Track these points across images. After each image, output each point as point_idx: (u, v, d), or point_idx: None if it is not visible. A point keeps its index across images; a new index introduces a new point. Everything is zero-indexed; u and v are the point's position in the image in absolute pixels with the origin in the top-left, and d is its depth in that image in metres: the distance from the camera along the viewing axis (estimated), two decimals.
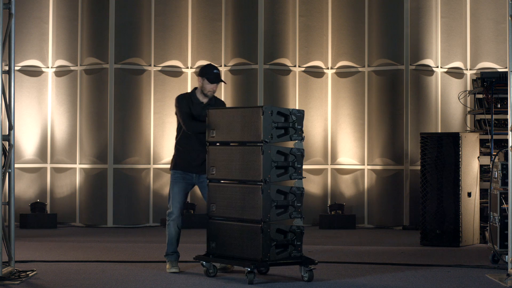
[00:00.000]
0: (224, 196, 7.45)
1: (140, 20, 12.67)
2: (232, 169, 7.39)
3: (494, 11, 12.75)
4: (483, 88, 10.37)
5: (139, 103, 12.61)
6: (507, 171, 7.78)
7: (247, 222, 7.24)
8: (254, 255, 7.15)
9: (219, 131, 7.50)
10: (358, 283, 7.24)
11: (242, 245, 7.25)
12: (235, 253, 7.32)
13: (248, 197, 7.23)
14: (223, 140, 7.50)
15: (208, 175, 7.62)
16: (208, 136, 7.62)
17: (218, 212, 7.50)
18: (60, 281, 7.25)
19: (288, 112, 7.27)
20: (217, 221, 7.53)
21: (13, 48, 7.56)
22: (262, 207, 7.10)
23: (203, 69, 7.97)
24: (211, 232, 7.57)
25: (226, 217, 7.44)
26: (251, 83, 12.52)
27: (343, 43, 12.86)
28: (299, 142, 7.30)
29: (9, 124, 7.53)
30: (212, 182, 7.62)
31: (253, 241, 7.15)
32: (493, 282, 7.24)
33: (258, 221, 7.13)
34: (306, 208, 12.63)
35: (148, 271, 7.83)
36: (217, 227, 7.51)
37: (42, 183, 12.81)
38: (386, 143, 12.45)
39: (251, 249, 7.16)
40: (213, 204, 7.51)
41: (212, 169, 7.52)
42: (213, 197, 7.55)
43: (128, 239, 10.87)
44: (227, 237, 7.40)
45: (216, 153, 7.54)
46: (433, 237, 10.09)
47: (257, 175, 7.15)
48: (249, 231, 7.19)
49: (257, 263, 7.10)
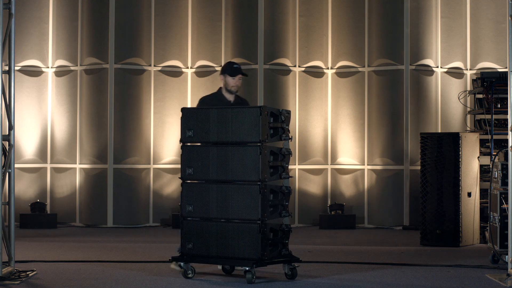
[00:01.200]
0: (208, 196, 7.40)
1: (140, 20, 12.68)
2: (222, 168, 7.37)
3: (494, 11, 12.75)
4: (483, 88, 10.37)
5: (139, 103, 12.61)
6: (507, 171, 7.77)
7: (242, 221, 7.24)
8: (250, 254, 7.16)
9: (207, 131, 7.48)
10: (358, 283, 7.24)
11: (233, 245, 7.25)
12: (223, 253, 7.31)
13: (244, 197, 7.24)
14: (216, 140, 7.45)
15: (183, 175, 7.53)
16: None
17: (197, 213, 7.44)
18: (60, 281, 7.25)
19: (278, 113, 7.34)
20: (195, 221, 7.45)
21: (13, 48, 7.56)
22: (260, 206, 7.13)
23: (223, 67, 8.20)
24: (187, 233, 7.45)
25: (211, 217, 7.40)
26: (251, 83, 12.52)
27: (343, 43, 12.86)
28: (286, 142, 7.41)
29: (9, 124, 7.53)
30: (186, 182, 7.56)
31: (249, 240, 7.16)
32: (493, 282, 7.24)
33: (255, 220, 7.15)
34: (306, 208, 12.68)
35: (148, 271, 7.83)
36: (195, 227, 7.44)
37: (42, 183, 12.81)
38: (386, 143, 12.45)
39: (247, 248, 7.18)
40: (189, 204, 7.46)
41: (189, 169, 7.47)
42: (189, 197, 7.47)
43: (128, 239, 10.87)
44: (210, 238, 7.37)
45: (195, 152, 7.50)
46: (433, 237, 10.09)
47: (255, 175, 7.18)
48: (245, 230, 7.21)
49: (256, 262, 7.11)
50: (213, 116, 7.40)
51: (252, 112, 7.24)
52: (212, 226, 7.36)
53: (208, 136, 7.42)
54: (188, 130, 7.45)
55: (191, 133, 7.45)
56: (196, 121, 7.44)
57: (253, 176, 7.19)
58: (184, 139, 7.48)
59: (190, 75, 12.95)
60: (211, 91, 12.83)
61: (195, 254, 7.39)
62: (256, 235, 7.14)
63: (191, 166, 7.44)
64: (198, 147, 7.48)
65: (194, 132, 7.44)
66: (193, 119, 7.45)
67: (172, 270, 7.76)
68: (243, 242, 7.21)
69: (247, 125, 7.23)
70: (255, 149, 7.19)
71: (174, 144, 12.69)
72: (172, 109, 12.72)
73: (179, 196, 12.55)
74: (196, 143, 7.49)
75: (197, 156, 7.44)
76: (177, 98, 12.82)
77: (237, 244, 7.24)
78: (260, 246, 7.12)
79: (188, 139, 7.47)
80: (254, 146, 7.20)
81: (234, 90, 8.02)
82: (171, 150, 12.73)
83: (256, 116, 7.19)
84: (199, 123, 7.43)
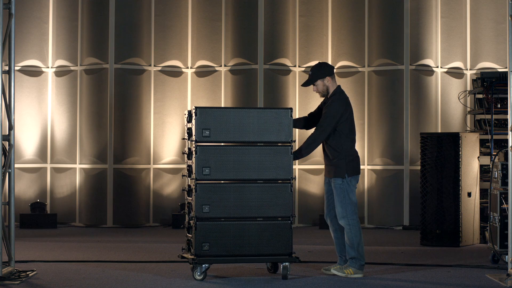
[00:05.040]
0: (229, 195, 7.42)
1: (140, 20, 12.68)
2: (244, 168, 7.44)
3: (494, 11, 12.75)
4: (483, 88, 10.37)
5: (139, 103, 12.61)
6: (507, 171, 7.77)
7: (271, 219, 7.43)
8: (282, 250, 7.41)
9: (235, 131, 7.49)
10: (358, 283, 7.24)
11: (258, 243, 7.38)
12: (244, 251, 7.38)
13: (273, 195, 7.45)
14: (238, 140, 7.47)
15: (198, 175, 7.50)
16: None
17: (214, 213, 7.43)
18: (60, 281, 7.25)
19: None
20: (214, 222, 7.44)
21: (13, 48, 7.56)
22: (291, 203, 7.49)
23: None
24: (204, 234, 7.37)
25: (230, 217, 7.41)
26: (251, 83, 12.52)
27: (343, 43, 12.86)
28: None
29: (9, 124, 7.53)
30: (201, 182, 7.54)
31: (279, 237, 7.43)
32: (493, 282, 7.24)
33: (287, 217, 7.47)
34: (306, 208, 12.68)
35: (148, 271, 7.83)
36: (213, 228, 7.43)
37: (42, 183, 12.81)
38: (386, 143, 12.45)
39: (278, 245, 7.40)
40: (206, 205, 7.44)
41: (205, 169, 7.45)
42: (206, 197, 7.44)
43: (128, 239, 10.87)
44: (233, 237, 7.38)
45: (212, 152, 7.49)
46: (433, 237, 10.09)
47: (287, 174, 7.48)
48: (275, 227, 7.42)
49: (291, 258, 7.38)
50: (233, 116, 7.42)
51: (283, 113, 7.50)
52: (241, 225, 7.42)
53: (228, 135, 7.41)
54: (205, 130, 7.43)
55: (208, 133, 7.42)
56: (213, 120, 7.41)
57: (285, 174, 7.47)
58: (200, 138, 7.40)
59: (190, 75, 12.95)
60: (211, 91, 12.95)
61: (213, 254, 7.37)
62: (288, 231, 7.44)
63: (207, 166, 7.42)
64: (216, 147, 7.44)
65: (211, 132, 7.42)
66: (210, 119, 7.42)
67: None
68: (267, 239, 7.40)
69: (276, 126, 7.46)
70: (287, 149, 7.47)
71: (174, 144, 12.69)
72: (172, 109, 12.73)
73: (179, 196, 12.60)
74: (213, 143, 7.45)
75: (215, 156, 7.41)
76: (177, 98, 12.82)
77: (266, 241, 7.40)
78: (291, 241, 7.44)
79: (205, 139, 7.41)
80: (285, 146, 7.47)
81: (319, 95, 7.92)
82: (171, 150, 12.74)
83: (287, 117, 7.47)
84: (217, 122, 7.41)
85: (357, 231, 7.57)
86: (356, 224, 7.59)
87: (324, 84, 7.74)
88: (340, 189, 7.61)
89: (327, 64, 7.82)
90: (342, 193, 7.60)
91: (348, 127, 7.65)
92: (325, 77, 7.72)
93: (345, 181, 7.60)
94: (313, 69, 7.78)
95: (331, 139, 7.66)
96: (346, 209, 7.57)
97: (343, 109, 7.64)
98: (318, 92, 7.80)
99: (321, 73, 7.73)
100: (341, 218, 7.61)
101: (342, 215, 7.60)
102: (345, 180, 7.60)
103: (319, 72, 7.74)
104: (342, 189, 7.60)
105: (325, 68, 7.76)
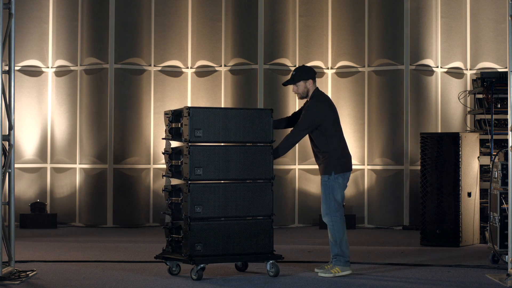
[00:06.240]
0: (220, 195, 7.43)
1: (140, 20, 12.68)
2: (233, 168, 7.44)
3: (494, 11, 12.76)
4: (483, 88, 10.37)
5: (139, 103, 12.61)
6: (507, 171, 7.77)
7: (254, 218, 7.49)
8: (264, 248, 7.46)
9: (215, 131, 7.48)
10: (358, 283, 7.24)
11: (249, 242, 7.44)
12: (231, 250, 7.39)
13: (256, 195, 7.49)
14: (228, 140, 7.50)
15: (191, 176, 7.51)
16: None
17: (205, 213, 7.42)
18: (60, 281, 7.25)
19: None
20: (204, 222, 7.43)
21: (13, 48, 7.56)
22: (272, 202, 7.55)
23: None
24: (196, 234, 7.37)
25: (219, 216, 7.42)
26: (251, 83, 12.52)
27: (343, 43, 12.86)
28: None
29: (9, 124, 7.53)
30: (194, 182, 7.54)
31: (262, 236, 7.49)
32: (493, 282, 7.24)
33: (268, 215, 7.54)
34: (306, 208, 12.68)
35: (148, 271, 7.83)
36: (204, 228, 7.42)
37: (42, 183, 12.81)
38: (386, 143, 12.45)
39: (261, 244, 7.47)
40: (198, 205, 7.43)
41: (198, 169, 7.44)
42: (198, 197, 7.43)
43: (128, 239, 10.87)
44: (224, 237, 7.39)
45: (204, 152, 7.49)
46: (433, 237, 10.09)
47: (267, 173, 7.55)
48: (258, 226, 7.48)
49: (273, 255, 7.46)
50: (223, 116, 7.44)
51: (264, 113, 7.56)
52: (229, 225, 7.44)
53: (219, 136, 7.43)
54: (197, 130, 7.42)
55: (200, 133, 7.42)
56: (205, 121, 7.42)
57: (265, 174, 7.55)
58: (193, 139, 7.39)
59: (190, 75, 12.95)
60: (211, 91, 12.95)
61: (207, 254, 7.37)
62: (269, 229, 7.53)
63: (200, 166, 7.42)
64: (209, 147, 7.45)
65: (203, 132, 7.41)
66: (201, 119, 7.43)
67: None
68: (251, 238, 7.46)
69: (258, 126, 7.51)
70: (267, 149, 7.55)
71: (174, 144, 12.68)
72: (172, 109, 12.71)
73: None
74: (205, 143, 7.45)
75: (207, 157, 7.41)
76: (177, 98, 12.82)
77: (253, 240, 7.46)
78: (272, 240, 7.53)
79: (197, 139, 7.41)
80: (267, 146, 7.54)
81: (297, 97, 7.97)
82: None
83: (268, 118, 7.54)
84: (209, 123, 7.42)
85: (339, 228, 7.63)
86: (339, 221, 7.64)
87: (305, 86, 7.80)
88: (325, 186, 7.71)
89: (312, 69, 7.89)
90: (327, 190, 7.69)
91: (332, 126, 7.69)
92: (309, 79, 7.78)
93: (331, 178, 7.69)
94: (297, 70, 7.84)
95: (317, 139, 7.74)
96: (329, 206, 7.66)
97: (325, 109, 7.69)
98: (297, 93, 7.86)
99: (305, 75, 7.79)
100: (324, 215, 7.70)
101: (325, 212, 7.69)
102: (331, 177, 7.69)
103: (303, 74, 7.80)
104: (327, 186, 7.70)
105: (310, 71, 7.83)
